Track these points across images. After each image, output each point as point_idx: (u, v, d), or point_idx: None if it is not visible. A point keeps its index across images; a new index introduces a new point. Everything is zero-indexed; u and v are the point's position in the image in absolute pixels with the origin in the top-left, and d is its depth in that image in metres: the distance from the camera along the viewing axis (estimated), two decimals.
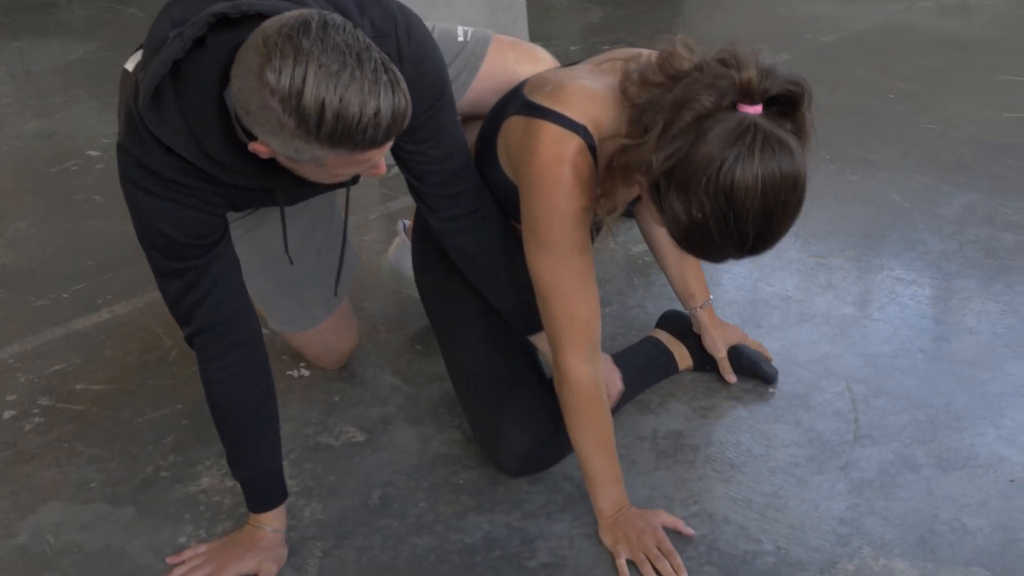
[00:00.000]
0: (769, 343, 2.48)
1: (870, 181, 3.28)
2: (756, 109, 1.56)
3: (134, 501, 2.13)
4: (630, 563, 1.90)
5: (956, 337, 2.50)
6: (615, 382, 2.20)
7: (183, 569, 1.94)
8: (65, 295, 2.88)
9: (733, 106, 1.57)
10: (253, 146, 1.62)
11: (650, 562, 1.89)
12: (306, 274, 2.33)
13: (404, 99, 1.56)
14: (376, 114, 1.52)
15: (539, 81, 1.89)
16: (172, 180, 1.73)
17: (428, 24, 1.95)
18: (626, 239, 2.96)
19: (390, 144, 1.61)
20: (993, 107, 3.84)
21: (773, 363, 2.41)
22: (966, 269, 2.78)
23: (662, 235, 2.30)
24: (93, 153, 3.83)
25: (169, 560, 1.97)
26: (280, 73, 1.49)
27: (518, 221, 1.92)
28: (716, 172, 1.53)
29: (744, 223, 1.56)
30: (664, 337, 2.43)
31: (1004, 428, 2.19)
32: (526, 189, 1.81)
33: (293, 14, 1.53)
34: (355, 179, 1.90)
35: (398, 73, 1.56)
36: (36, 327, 2.74)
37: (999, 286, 2.69)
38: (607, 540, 1.95)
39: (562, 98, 1.79)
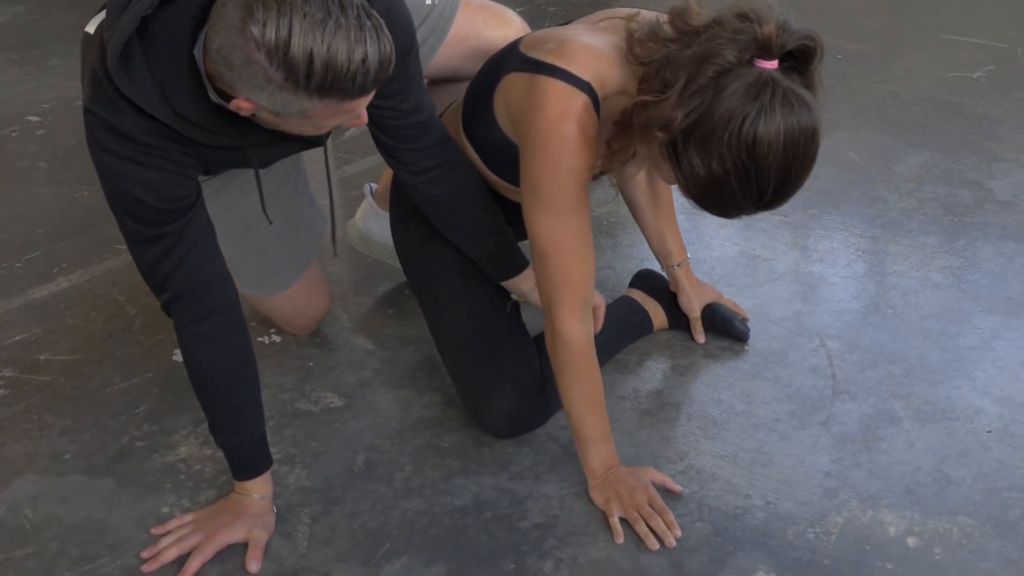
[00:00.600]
0: (740, 301, 2.50)
1: (827, 140, 3.25)
2: (772, 64, 1.58)
3: (112, 472, 2.10)
4: (623, 521, 1.92)
5: (923, 293, 2.55)
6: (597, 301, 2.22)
7: (171, 539, 1.92)
8: (18, 264, 2.82)
9: (750, 61, 1.58)
10: (236, 103, 1.60)
11: (643, 520, 1.91)
12: (273, 237, 2.31)
13: (389, 44, 1.56)
14: (364, 61, 1.51)
15: (537, 39, 1.88)
16: (143, 142, 1.70)
17: None
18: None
19: (374, 92, 1.60)
20: (938, 66, 3.90)
21: (747, 322, 2.44)
22: (927, 226, 2.83)
23: (641, 192, 2.31)
24: (33, 119, 3.73)
25: (154, 531, 1.95)
26: (264, 25, 1.47)
27: (515, 183, 1.91)
28: (739, 127, 1.55)
29: (765, 177, 1.59)
30: (639, 296, 2.45)
31: (977, 380, 2.25)
32: (529, 146, 1.81)
33: None
34: (328, 135, 1.89)
35: (379, 19, 1.55)
36: None
37: (961, 242, 2.75)
38: (598, 499, 1.97)
39: (566, 54, 1.78)
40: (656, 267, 2.48)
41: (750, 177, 1.59)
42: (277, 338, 2.49)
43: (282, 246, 2.34)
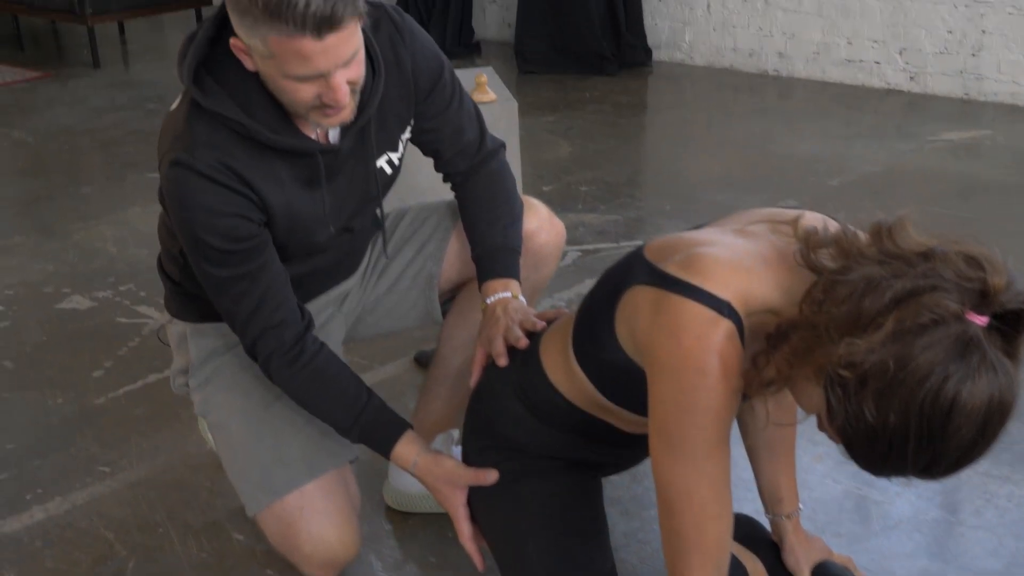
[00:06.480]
0: (853, 556, 2.40)
1: None
2: (983, 320, 1.51)
3: None
4: None
5: None
6: None
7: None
8: None
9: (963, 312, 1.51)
10: (233, 42, 1.94)
11: None
12: (287, 421, 2.29)
13: None
14: None
15: (664, 246, 1.81)
16: (221, 183, 2.02)
17: None
18: None
19: (340, 38, 1.86)
20: None
21: None
22: None
23: (760, 427, 2.22)
24: None
25: None
26: None
27: (641, 412, 1.83)
28: (938, 387, 1.48)
29: (948, 447, 1.52)
30: (735, 548, 2.34)
31: None
32: (659, 379, 1.74)
33: None
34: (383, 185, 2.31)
35: None
36: None
37: None
38: None
39: (699, 269, 1.71)
40: (749, 509, 2.39)
41: (932, 443, 1.52)
42: None
43: (296, 433, 2.30)
